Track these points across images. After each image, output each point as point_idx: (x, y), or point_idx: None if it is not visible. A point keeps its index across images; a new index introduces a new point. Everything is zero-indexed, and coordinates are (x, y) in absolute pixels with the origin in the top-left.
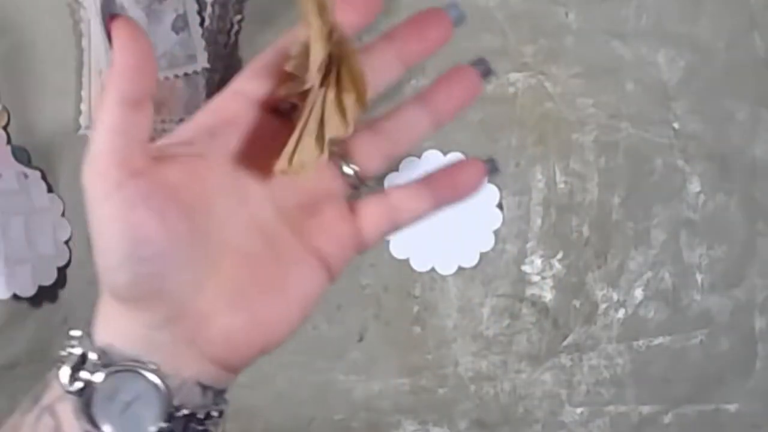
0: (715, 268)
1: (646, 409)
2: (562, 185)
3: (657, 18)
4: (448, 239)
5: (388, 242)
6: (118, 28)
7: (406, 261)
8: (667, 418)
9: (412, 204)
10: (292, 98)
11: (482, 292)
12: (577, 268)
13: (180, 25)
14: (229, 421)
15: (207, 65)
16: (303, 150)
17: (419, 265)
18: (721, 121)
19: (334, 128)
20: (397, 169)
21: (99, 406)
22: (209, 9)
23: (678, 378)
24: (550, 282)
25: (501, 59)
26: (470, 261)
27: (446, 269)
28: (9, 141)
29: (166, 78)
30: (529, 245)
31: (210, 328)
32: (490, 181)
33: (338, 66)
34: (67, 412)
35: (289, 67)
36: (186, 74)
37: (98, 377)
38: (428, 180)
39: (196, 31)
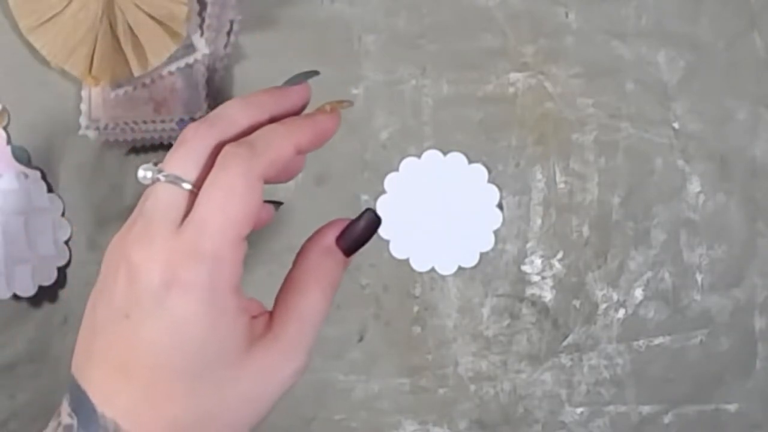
0: (715, 268)
1: (646, 409)
2: (562, 185)
3: (657, 18)
4: (448, 239)
5: (388, 242)
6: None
7: (406, 261)
8: (667, 418)
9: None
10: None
11: (482, 292)
12: (577, 268)
13: None
14: None
15: (207, 51)
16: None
17: (419, 265)
18: (721, 121)
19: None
20: (397, 170)
21: None
22: (209, 9)
23: (678, 378)
24: (550, 282)
25: (501, 59)
26: (470, 261)
27: (446, 269)
28: (9, 141)
29: (169, 73)
30: (529, 245)
31: None
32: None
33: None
34: None
35: None
36: (187, 65)
37: None
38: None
39: (194, 19)
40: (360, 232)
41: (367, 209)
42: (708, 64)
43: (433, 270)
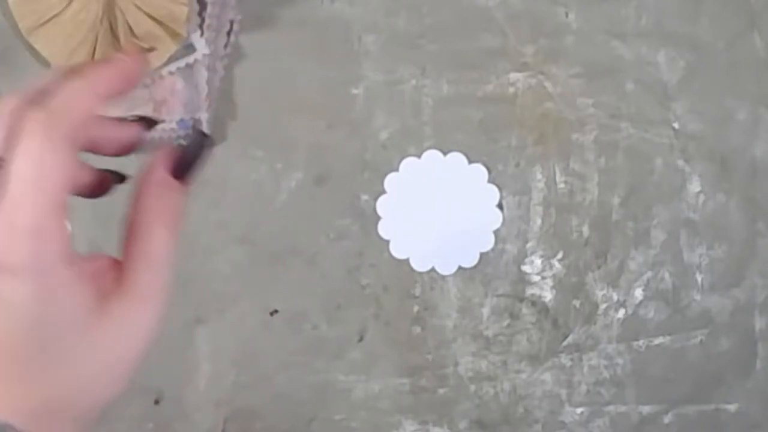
0: (715, 268)
1: (646, 409)
2: (562, 185)
3: (657, 18)
4: (448, 239)
5: (388, 242)
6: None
7: (406, 261)
8: (667, 418)
9: None
10: None
11: (482, 292)
12: (577, 268)
13: None
14: (229, 421)
15: (207, 51)
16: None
17: (419, 265)
18: (721, 121)
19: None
20: (397, 170)
21: None
22: (209, 9)
23: (678, 378)
24: (550, 282)
25: (501, 59)
26: (470, 261)
27: (446, 269)
28: None
29: (169, 74)
30: (529, 245)
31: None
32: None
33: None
34: None
35: None
36: (187, 65)
37: None
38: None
39: (194, 19)
40: (190, 153)
41: (192, 127)
42: (708, 64)
43: (433, 270)
